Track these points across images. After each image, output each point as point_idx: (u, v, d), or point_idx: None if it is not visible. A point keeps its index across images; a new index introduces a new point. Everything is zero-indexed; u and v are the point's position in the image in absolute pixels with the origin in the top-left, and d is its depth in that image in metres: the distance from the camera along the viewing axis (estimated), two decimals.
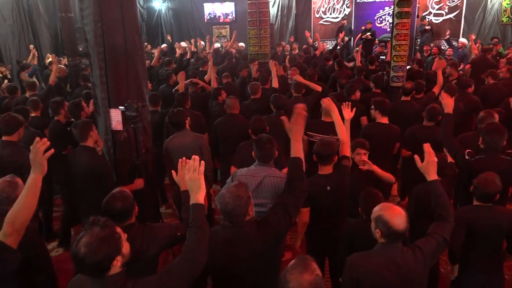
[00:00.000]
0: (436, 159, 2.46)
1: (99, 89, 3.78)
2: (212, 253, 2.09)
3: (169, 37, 14.25)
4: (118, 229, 1.77)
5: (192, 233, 1.99)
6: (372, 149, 3.90)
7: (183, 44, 11.37)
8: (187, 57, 9.56)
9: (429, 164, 2.42)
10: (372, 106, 4.44)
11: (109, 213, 2.28)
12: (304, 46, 11.39)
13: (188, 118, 4.16)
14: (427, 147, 2.48)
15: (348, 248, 2.75)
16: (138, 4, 15.25)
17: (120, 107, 3.67)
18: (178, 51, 9.73)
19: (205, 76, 6.87)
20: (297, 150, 2.46)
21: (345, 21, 13.02)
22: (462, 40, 11.05)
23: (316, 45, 10.09)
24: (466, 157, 3.31)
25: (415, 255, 2.14)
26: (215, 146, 4.82)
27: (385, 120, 4.42)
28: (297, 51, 11.14)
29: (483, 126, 3.57)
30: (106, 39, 3.61)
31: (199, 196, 2.07)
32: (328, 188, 3.04)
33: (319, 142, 3.14)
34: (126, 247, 1.77)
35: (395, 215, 2.12)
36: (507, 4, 12.61)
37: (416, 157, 2.45)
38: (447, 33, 11.86)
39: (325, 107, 3.25)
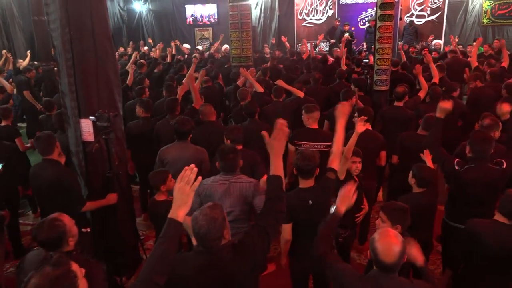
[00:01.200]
0: None
1: (68, 98, 3.56)
2: (184, 281, 1.91)
3: (150, 40, 14.00)
4: (74, 266, 1.58)
5: (157, 248, 1.81)
6: None
7: (186, 45, 11.27)
8: (167, 60, 9.35)
9: None
10: (356, 114, 4.29)
11: (36, 241, 2.17)
12: (279, 51, 11.29)
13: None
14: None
15: None
16: (118, 6, 14.99)
17: (90, 117, 3.47)
18: (156, 54, 9.51)
19: (183, 80, 6.64)
20: (277, 167, 2.29)
21: (338, 22, 12.92)
22: (437, 41, 11.11)
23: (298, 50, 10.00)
24: (456, 167, 3.20)
25: None
26: None
27: (368, 127, 4.27)
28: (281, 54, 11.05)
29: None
30: (74, 45, 3.40)
31: (180, 211, 1.87)
32: (310, 202, 2.89)
33: (300, 155, 2.98)
34: (83, 285, 1.58)
35: (388, 246, 1.99)
36: (488, 5, 12.74)
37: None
38: (430, 38, 11.92)
39: (339, 112, 3.05)
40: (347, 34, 11.96)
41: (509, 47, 9.62)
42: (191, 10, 15.11)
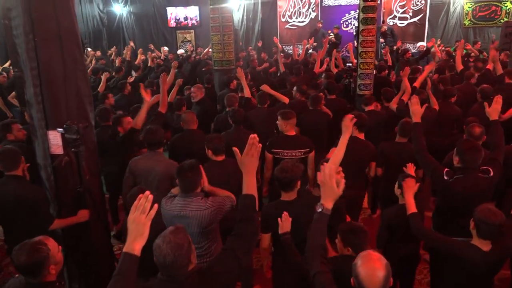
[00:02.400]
0: None
1: (34, 109, 3.33)
2: None
3: (132, 43, 13.67)
4: None
5: (111, 287, 1.69)
6: (346, 165, 3.66)
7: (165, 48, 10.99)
8: (149, 64, 9.13)
9: None
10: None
11: (14, 264, 2.02)
12: (274, 50, 11.18)
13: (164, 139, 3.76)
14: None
15: None
16: (97, 9, 14.67)
17: (58, 129, 3.25)
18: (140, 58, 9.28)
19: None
20: (249, 186, 2.12)
21: (320, 24, 12.85)
22: (422, 43, 11.12)
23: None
24: (445, 177, 3.08)
25: None
26: None
27: (361, 136, 4.12)
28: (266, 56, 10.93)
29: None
30: (39, 53, 3.18)
31: (136, 244, 1.72)
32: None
33: (279, 167, 2.83)
34: None
35: (371, 272, 1.85)
36: (469, 7, 12.85)
37: None
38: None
39: (344, 126, 2.90)
40: (331, 35, 11.92)
41: (489, 49, 9.70)
42: (172, 13, 14.88)
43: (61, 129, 3.23)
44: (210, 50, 10.67)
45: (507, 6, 12.42)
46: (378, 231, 3.25)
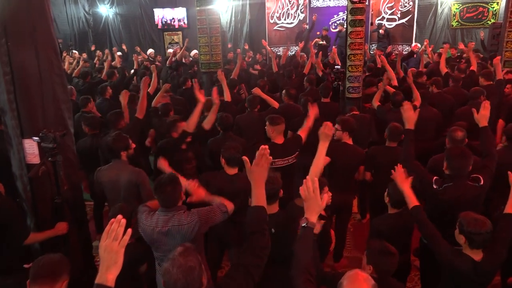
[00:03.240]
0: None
1: (9, 116, 3.17)
2: None
3: (124, 46, 13.36)
4: None
5: None
6: (336, 171, 3.55)
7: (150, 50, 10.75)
8: (135, 67, 8.94)
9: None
10: (339, 126, 3.99)
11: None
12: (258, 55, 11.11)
13: (130, 145, 3.53)
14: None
15: None
16: (83, 10, 14.43)
17: (34, 137, 3.09)
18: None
19: (150, 89, 6.27)
20: (259, 197, 2.04)
21: (306, 25, 12.77)
22: (415, 44, 11.10)
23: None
24: (434, 186, 2.99)
25: None
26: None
27: (350, 141, 4.02)
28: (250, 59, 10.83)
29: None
30: (13, 57, 3.02)
31: (109, 274, 1.59)
32: (273, 230, 2.56)
33: None
34: None
35: None
36: (456, 8, 12.89)
37: None
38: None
39: (322, 134, 2.74)
40: (318, 38, 11.84)
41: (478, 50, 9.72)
42: (159, 14, 14.67)
43: (36, 138, 3.07)
44: (196, 52, 10.60)
45: (493, 7, 12.48)
46: (367, 241, 3.14)
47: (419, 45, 10.84)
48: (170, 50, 12.69)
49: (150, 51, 11.88)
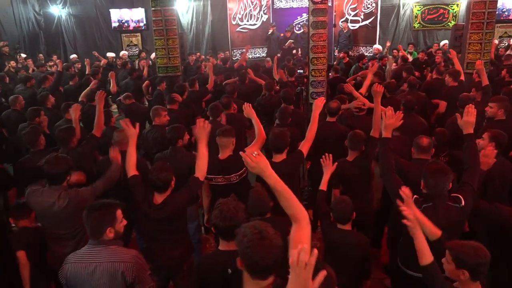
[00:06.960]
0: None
1: None
2: None
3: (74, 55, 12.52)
4: None
5: None
6: None
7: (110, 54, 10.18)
8: (86, 72, 8.33)
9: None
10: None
11: None
12: (220, 55, 10.73)
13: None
14: None
15: None
16: (32, 10, 13.59)
17: None
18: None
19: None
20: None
21: (273, 28, 12.41)
22: (377, 46, 11.00)
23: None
24: None
25: None
26: None
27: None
28: (215, 61, 10.40)
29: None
30: None
31: None
32: (229, 271, 2.14)
33: (218, 212, 2.25)
34: None
35: None
36: (418, 10, 12.97)
37: None
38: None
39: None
40: (290, 41, 11.57)
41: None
42: (116, 15, 13.96)
43: None
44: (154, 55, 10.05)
45: (454, 9, 12.61)
46: None
47: (380, 47, 10.77)
48: (125, 52, 12.09)
49: (111, 55, 11.23)
